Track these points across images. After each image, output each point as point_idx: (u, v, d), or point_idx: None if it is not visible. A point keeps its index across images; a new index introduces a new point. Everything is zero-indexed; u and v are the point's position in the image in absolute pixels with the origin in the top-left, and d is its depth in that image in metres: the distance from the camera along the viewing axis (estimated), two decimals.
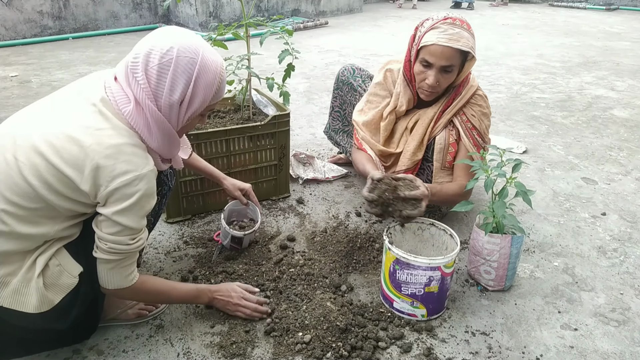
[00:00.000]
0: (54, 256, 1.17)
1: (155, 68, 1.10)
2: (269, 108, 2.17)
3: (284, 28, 2.00)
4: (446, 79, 1.69)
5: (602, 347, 1.43)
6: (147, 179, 1.12)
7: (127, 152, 1.09)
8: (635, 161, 2.74)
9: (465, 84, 1.80)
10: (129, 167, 1.09)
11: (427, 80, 1.69)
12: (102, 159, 1.06)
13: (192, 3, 6.78)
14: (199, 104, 1.18)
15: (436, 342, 1.43)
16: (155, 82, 1.11)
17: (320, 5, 8.37)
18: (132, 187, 1.10)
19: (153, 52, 1.10)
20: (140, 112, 1.12)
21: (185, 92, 1.13)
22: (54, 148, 1.06)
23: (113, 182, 1.08)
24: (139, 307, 1.48)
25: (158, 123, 1.14)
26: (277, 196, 2.22)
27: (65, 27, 6.40)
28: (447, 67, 1.64)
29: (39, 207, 1.10)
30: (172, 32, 1.14)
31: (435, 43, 1.61)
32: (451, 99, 1.80)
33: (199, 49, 1.13)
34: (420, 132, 1.84)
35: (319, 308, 1.49)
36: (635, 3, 9.97)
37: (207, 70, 1.14)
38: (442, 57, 1.62)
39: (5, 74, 4.43)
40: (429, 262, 1.41)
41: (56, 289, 1.18)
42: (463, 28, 1.63)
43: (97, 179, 1.07)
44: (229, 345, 1.38)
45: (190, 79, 1.12)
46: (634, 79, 4.57)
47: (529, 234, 2.00)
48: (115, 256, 1.16)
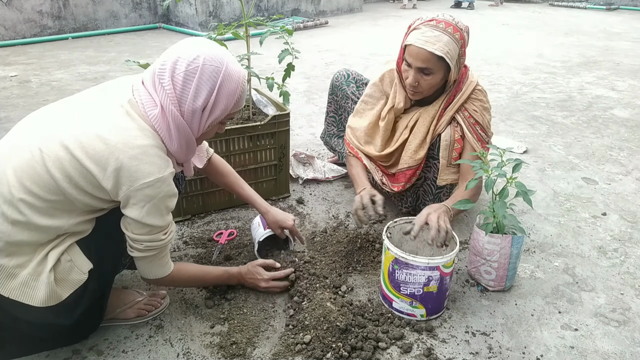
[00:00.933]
0: (66, 252, 1.19)
1: (182, 75, 1.14)
2: (269, 108, 2.16)
3: (283, 28, 2.00)
4: (426, 81, 1.67)
5: (603, 347, 1.43)
6: (168, 181, 1.17)
7: (151, 153, 1.13)
8: (635, 161, 2.73)
9: (465, 79, 1.79)
10: (152, 169, 1.12)
11: (408, 80, 1.69)
12: (127, 159, 1.10)
13: (192, 3, 6.78)
14: (221, 112, 1.22)
15: (436, 342, 1.43)
16: (181, 88, 1.15)
17: (320, 5, 8.36)
18: (154, 189, 1.14)
19: (180, 60, 1.15)
20: (164, 117, 1.17)
21: (209, 99, 1.18)
22: (80, 143, 1.10)
23: (136, 182, 1.11)
24: (138, 306, 1.48)
25: (180, 128, 1.19)
26: (277, 196, 2.22)
27: (64, 27, 6.39)
28: (424, 69, 1.63)
29: (58, 199, 1.12)
30: (199, 42, 1.20)
31: (412, 44, 1.61)
32: (452, 96, 1.79)
33: (224, 59, 1.18)
34: (422, 130, 1.83)
35: (319, 308, 1.49)
36: (635, 3, 9.96)
37: (230, 79, 1.19)
38: (417, 59, 1.61)
39: (4, 73, 4.43)
40: (427, 262, 1.40)
41: (65, 284, 1.19)
42: (445, 32, 1.59)
43: (119, 178, 1.10)
44: (228, 346, 1.38)
45: (214, 86, 1.17)
46: (635, 78, 4.57)
47: (530, 234, 2.00)
48: (152, 252, 1.24)
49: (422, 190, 1.95)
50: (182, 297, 1.59)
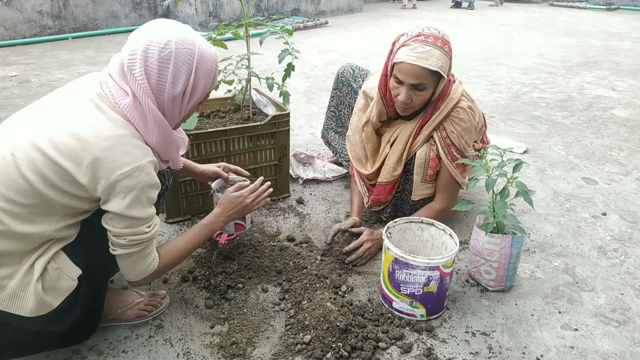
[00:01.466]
0: (53, 259, 1.16)
1: (156, 63, 1.11)
2: (269, 108, 2.16)
3: (283, 28, 1.99)
4: (419, 96, 1.65)
5: (603, 347, 1.43)
6: (147, 170, 1.13)
7: (126, 143, 1.10)
8: (635, 161, 2.73)
9: (445, 97, 1.72)
10: (128, 158, 1.10)
11: (399, 97, 1.66)
12: (101, 151, 1.07)
13: (192, 2, 6.78)
14: (201, 93, 1.21)
15: (436, 342, 1.43)
16: (157, 77, 1.12)
17: (320, 5, 8.36)
18: (132, 178, 1.10)
19: (151, 48, 1.11)
20: (137, 106, 1.14)
21: (187, 83, 1.16)
22: (52, 143, 1.07)
23: (113, 174, 1.08)
24: (138, 307, 1.47)
25: (156, 120, 1.16)
26: (277, 196, 2.22)
27: (64, 26, 6.39)
28: (417, 85, 1.61)
29: (35, 203, 1.09)
30: (165, 25, 1.15)
31: (404, 61, 1.58)
32: (429, 114, 1.75)
33: (194, 40, 1.16)
34: (399, 147, 1.81)
35: (319, 308, 1.49)
36: (635, 3, 9.96)
37: (205, 59, 1.17)
38: (410, 76, 1.59)
39: (4, 73, 4.43)
40: (427, 261, 1.40)
41: (55, 292, 1.16)
42: (436, 46, 1.57)
43: (96, 171, 1.08)
44: (228, 346, 1.38)
45: (191, 69, 1.15)
46: (635, 78, 4.57)
47: (530, 234, 2.00)
48: (136, 247, 1.20)
49: (400, 200, 1.95)
50: (182, 297, 1.59)
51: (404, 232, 1.65)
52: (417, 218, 1.65)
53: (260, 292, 1.61)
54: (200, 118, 2.12)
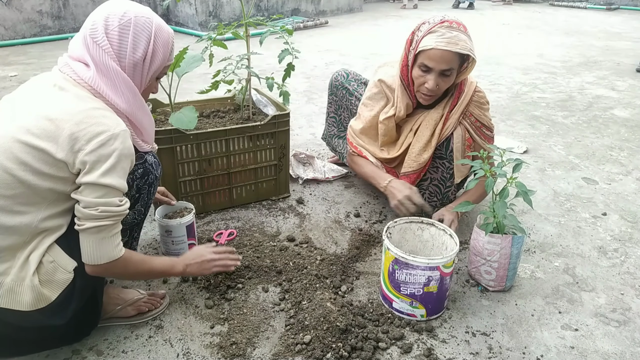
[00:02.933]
0: (47, 252, 1.17)
1: (116, 30, 1.16)
2: (269, 108, 2.16)
3: (283, 27, 1.99)
4: (445, 82, 1.69)
5: (603, 347, 1.43)
6: (122, 138, 1.14)
7: (96, 115, 1.13)
8: (636, 161, 2.73)
9: (466, 81, 1.81)
10: (101, 128, 1.12)
11: (426, 85, 1.68)
12: (73, 126, 1.09)
13: (192, 2, 6.78)
14: (160, 62, 1.25)
15: (436, 342, 1.43)
16: (118, 43, 1.17)
17: (320, 5, 8.36)
18: (108, 146, 1.11)
19: (110, 17, 1.17)
20: (102, 75, 1.16)
21: (147, 48, 1.20)
22: (25, 129, 1.09)
23: (89, 144, 1.10)
24: (137, 304, 1.47)
25: (124, 81, 1.19)
26: (277, 196, 2.22)
27: (64, 26, 6.39)
28: (447, 70, 1.64)
29: (18, 192, 1.10)
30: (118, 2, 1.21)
31: (434, 47, 1.59)
32: (456, 99, 1.80)
33: (151, 13, 1.23)
34: (426, 134, 1.84)
35: (319, 308, 1.49)
36: (635, 3, 9.96)
37: (162, 29, 1.23)
38: (441, 61, 1.61)
39: (4, 73, 4.43)
40: (427, 262, 1.40)
41: (52, 285, 1.17)
42: (460, 30, 1.62)
43: (72, 145, 1.09)
44: (228, 346, 1.38)
45: (150, 36, 1.20)
46: (635, 78, 4.57)
47: (530, 234, 2.00)
48: (106, 221, 1.15)
49: (428, 192, 1.95)
50: (182, 297, 1.59)
51: (404, 232, 1.65)
52: (417, 218, 1.64)
53: (260, 292, 1.61)
54: (200, 118, 2.12)
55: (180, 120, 1.80)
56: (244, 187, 2.12)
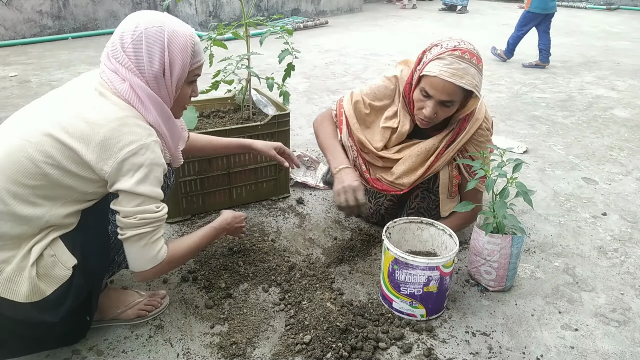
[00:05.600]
0: (49, 246, 1.18)
1: (131, 47, 1.18)
2: (269, 108, 2.16)
3: (283, 27, 1.99)
4: (444, 112, 1.58)
5: (603, 347, 1.43)
6: (153, 148, 1.18)
7: (130, 123, 1.16)
8: (635, 161, 2.73)
9: (470, 117, 1.66)
10: (133, 137, 1.15)
11: (424, 110, 1.57)
12: (108, 132, 1.12)
13: (192, 2, 6.78)
14: (180, 69, 1.24)
15: (436, 342, 1.43)
16: (135, 59, 1.18)
17: (320, 5, 8.36)
18: (140, 156, 1.15)
19: (124, 35, 1.19)
20: (133, 90, 1.19)
21: (163, 59, 1.20)
22: (61, 126, 1.12)
23: (121, 152, 1.13)
24: (138, 307, 1.47)
25: (149, 97, 1.21)
26: (277, 196, 2.22)
27: (64, 26, 6.39)
28: (447, 102, 1.53)
29: (39, 184, 1.12)
30: (135, 15, 1.23)
31: (437, 75, 1.48)
32: (455, 135, 1.67)
33: (163, 20, 1.22)
34: (415, 160, 1.72)
35: (319, 308, 1.49)
36: (635, 3, 9.96)
37: (176, 35, 1.21)
38: (442, 92, 1.50)
39: (4, 73, 4.43)
40: (427, 262, 1.40)
41: (49, 280, 1.17)
42: (471, 63, 1.49)
43: (104, 151, 1.12)
44: (228, 346, 1.38)
45: (163, 45, 1.19)
46: (635, 78, 4.57)
47: (530, 234, 2.00)
48: (146, 228, 1.20)
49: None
50: (182, 297, 1.59)
51: (404, 232, 1.65)
52: (417, 218, 1.64)
53: (260, 292, 1.61)
54: (200, 118, 2.12)
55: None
56: (244, 187, 2.12)
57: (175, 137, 1.36)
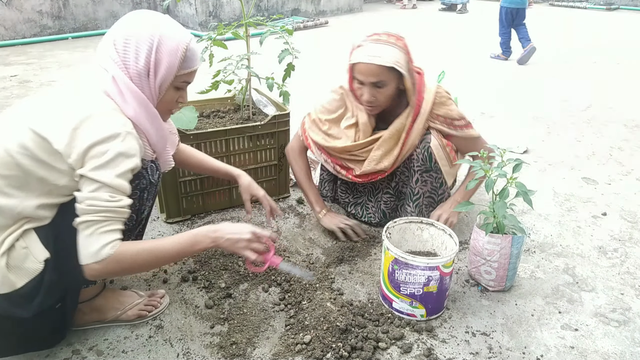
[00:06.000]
0: (22, 237, 1.16)
1: (122, 40, 1.20)
2: (269, 108, 2.16)
3: (283, 27, 1.99)
4: (381, 93, 1.66)
5: (603, 347, 1.43)
6: (123, 138, 1.14)
7: (105, 113, 1.15)
8: (635, 161, 2.73)
9: (424, 88, 1.76)
10: (105, 125, 1.13)
11: (363, 97, 1.68)
12: (79, 121, 1.12)
13: (192, 2, 6.78)
14: (165, 71, 1.23)
15: (436, 342, 1.43)
16: (123, 53, 1.20)
17: (320, 5, 8.36)
18: (106, 143, 1.12)
19: (118, 30, 1.21)
20: (115, 83, 1.20)
21: (150, 58, 1.20)
22: (38, 117, 1.14)
23: (89, 139, 1.11)
24: (138, 307, 1.47)
25: (131, 91, 1.21)
26: (277, 196, 2.22)
27: (64, 26, 6.39)
28: (377, 83, 1.63)
29: (13, 174, 1.12)
30: (135, 13, 1.25)
31: (359, 61, 1.62)
32: (417, 107, 1.75)
33: (159, 22, 1.23)
34: (390, 143, 1.79)
35: (319, 308, 1.49)
36: (635, 3, 9.96)
37: (168, 37, 1.22)
38: (369, 74, 1.61)
39: (4, 73, 4.43)
40: (427, 262, 1.40)
41: (20, 272, 1.16)
42: (388, 43, 1.61)
43: (74, 138, 1.11)
44: (228, 346, 1.38)
45: (152, 45, 1.20)
46: (635, 78, 4.57)
47: (530, 234, 2.00)
48: (94, 216, 1.11)
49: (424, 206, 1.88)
50: (182, 297, 1.59)
51: (404, 232, 1.66)
52: (417, 218, 1.65)
53: (260, 292, 1.61)
54: (200, 118, 2.12)
55: (181, 120, 1.80)
56: None
57: (162, 138, 1.34)
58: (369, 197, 2.01)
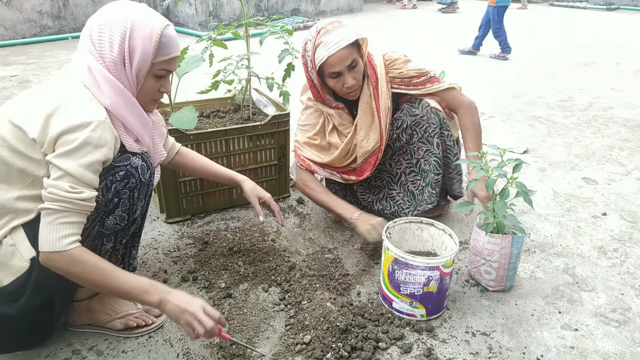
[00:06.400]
0: (10, 234, 1.16)
1: (96, 30, 1.20)
2: (269, 108, 2.16)
3: (283, 28, 2.00)
4: (358, 72, 1.74)
5: (603, 347, 1.43)
6: (94, 128, 1.13)
7: (77, 102, 1.15)
8: (635, 161, 2.73)
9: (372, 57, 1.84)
10: (76, 113, 1.13)
11: (345, 85, 1.73)
12: (52, 109, 1.12)
13: (192, 2, 6.78)
14: (141, 58, 1.21)
15: (436, 342, 1.43)
16: (98, 42, 1.20)
17: (320, 5, 8.36)
18: (75, 132, 1.11)
19: (95, 21, 1.21)
20: (90, 73, 1.20)
21: (123, 45, 1.19)
22: (17, 109, 1.17)
23: (59, 127, 1.10)
24: (128, 318, 1.43)
25: (107, 80, 1.20)
26: (277, 196, 2.22)
27: (64, 26, 6.40)
28: (351, 63, 1.70)
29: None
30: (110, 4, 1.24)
31: (328, 56, 1.66)
32: (373, 74, 1.82)
33: (133, 9, 1.22)
34: (367, 118, 1.84)
35: (319, 308, 1.49)
36: (635, 3, 9.97)
37: (141, 24, 1.20)
38: (342, 60, 1.67)
39: (4, 73, 4.43)
40: (427, 262, 1.40)
41: (6, 269, 1.16)
42: (336, 27, 1.69)
43: (46, 127, 1.11)
44: (228, 346, 1.38)
45: (125, 32, 1.19)
46: (635, 78, 4.57)
47: (530, 234, 2.00)
48: (54, 204, 1.10)
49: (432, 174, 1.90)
50: None
51: (404, 232, 1.66)
52: (417, 218, 1.64)
53: (260, 292, 1.61)
54: (200, 118, 2.12)
55: (181, 120, 1.80)
56: None
57: (145, 126, 1.32)
58: (390, 186, 2.01)
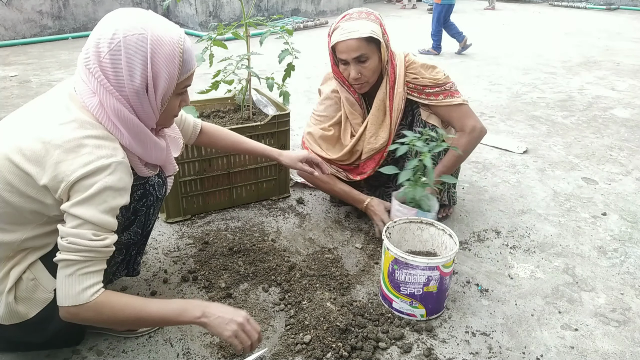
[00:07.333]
0: (29, 269, 1.13)
1: (107, 58, 1.03)
2: (269, 108, 2.16)
3: (283, 28, 2.00)
4: (366, 68, 1.72)
5: (603, 347, 1.43)
6: (112, 170, 1.03)
7: (90, 144, 1.03)
8: (635, 161, 2.73)
9: (394, 57, 1.82)
10: (90, 158, 1.02)
11: (351, 75, 1.73)
12: (63, 154, 1.01)
13: (192, 3, 6.79)
14: (166, 83, 1.08)
15: (436, 342, 1.43)
16: (113, 73, 1.04)
17: (320, 5, 8.36)
18: (92, 177, 1.01)
19: (101, 42, 1.04)
20: (102, 107, 1.07)
21: (146, 73, 1.05)
22: (19, 148, 1.03)
23: (73, 174, 1.00)
24: None
25: (123, 121, 1.07)
26: (277, 196, 2.22)
27: (64, 26, 6.40)
28: (360, 57, 1.68)
29: (4, 212, 1.07)
30: (115, 16, 1.08)
31: (338, 41, 1.67)
32: (392, 74, 1.81)
33: (146, 24, 1.05)
34: (379, 115, 1.84)
35: (319, 308, 1.49)
36: (635, 3, 9.97)
37: (161, 43, 1.05)
38: (350, 50, 1.66)
39: (4, 73, 4.44)
40: (427, 261, 1.40)
41: (30, 303, 1.13)
42: (360, 18, 1.69)
43: (58, 174, 1.01)
44: (228, 346, 1.38)
45: (145, 57, 1.03)
46: (635, 78, 4.57)
47: (530, 234, 2.00)
48: (75, 255, 1.02)
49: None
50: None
51: (404, 232, 1.66)
52: (417, 218, 1.65)
53: (260, 292, 1.61)
54: (200, 118, 2.11)
55: None
56: (244, 187, 2.12)
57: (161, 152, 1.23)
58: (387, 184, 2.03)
